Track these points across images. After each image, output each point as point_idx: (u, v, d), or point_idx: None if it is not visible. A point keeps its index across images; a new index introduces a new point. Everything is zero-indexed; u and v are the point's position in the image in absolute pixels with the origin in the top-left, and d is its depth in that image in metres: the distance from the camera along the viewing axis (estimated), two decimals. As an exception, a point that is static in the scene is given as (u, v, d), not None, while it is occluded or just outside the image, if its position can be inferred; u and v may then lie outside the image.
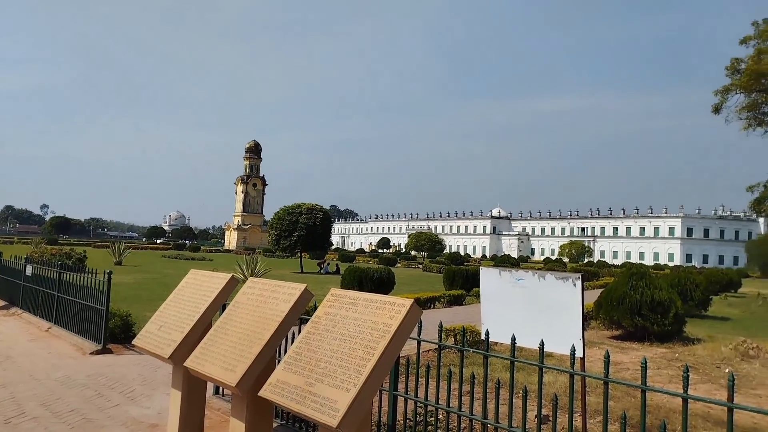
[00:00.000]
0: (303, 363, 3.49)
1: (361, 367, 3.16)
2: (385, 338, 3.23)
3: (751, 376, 9.35)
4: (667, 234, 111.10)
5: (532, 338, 3.86)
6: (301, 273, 37.52)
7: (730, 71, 25.34)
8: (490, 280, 5.11)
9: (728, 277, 35.24)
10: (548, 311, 4.55)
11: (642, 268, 15.16)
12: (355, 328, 3.45)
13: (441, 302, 19.83)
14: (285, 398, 3.36)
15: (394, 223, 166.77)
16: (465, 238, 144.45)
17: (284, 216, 41.21)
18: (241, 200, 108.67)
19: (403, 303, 3.40)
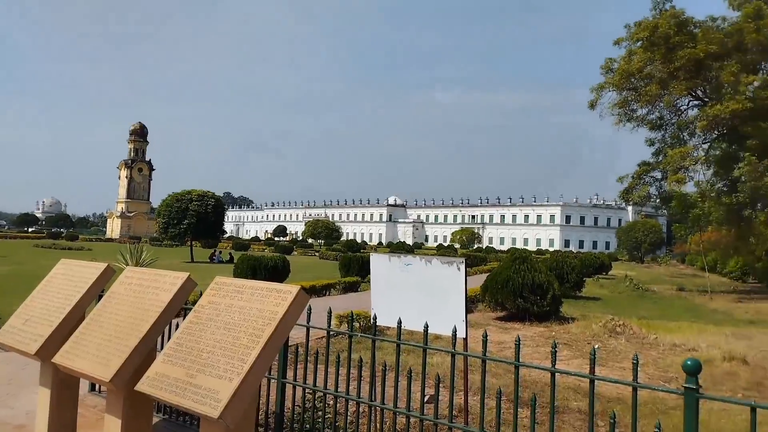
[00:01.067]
0: (184, 354, 3.36)
1: (246, 355, 3.09)
2: (270, 326, 3.18)
3: (617, 351, 10.26)
4: (548, 221, 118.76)
5: (420, 321, 3.97)
6: (192, 262, 36.10)
7: (605, 70, 27.40)
8: (380, 266, 5.19)
9: (600, 260, 38.40)
10: (435, 295, 4.70)
11: (524, 253, 16.13)
12: (239, 316, 3.37)
13: (336, 289, 19.92)
14: (164, 391, 3.21)
15: (290, 210, 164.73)
16: (362, 225, 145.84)
17: (173, 203, 39.36)
18: (125, 186, 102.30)
19: (290, 290, 3.37)
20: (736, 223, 26.59)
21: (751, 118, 22.36)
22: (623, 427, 5.38)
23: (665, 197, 29.10)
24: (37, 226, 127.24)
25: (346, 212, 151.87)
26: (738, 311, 19.26)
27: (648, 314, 16.66)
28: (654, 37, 23.97)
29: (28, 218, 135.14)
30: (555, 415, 5.98)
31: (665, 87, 24.86)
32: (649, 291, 27.00)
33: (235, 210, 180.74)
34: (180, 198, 39.57)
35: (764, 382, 8.21)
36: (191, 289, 4.07)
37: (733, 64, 22.90)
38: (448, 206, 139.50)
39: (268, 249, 61.65)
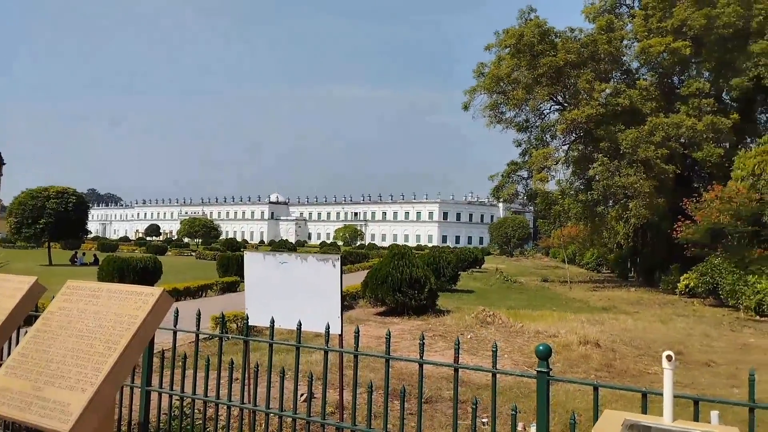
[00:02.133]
0: (30, 365, 3.05)
1: (101, 364, 2.87)
2: (129, 331, 2.98)
3: (487, 340, 10.85)
4: (427, 218, 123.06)
5: (296, 319, 3.92)
6: (50, 265, 33.10)
7: (477, 74, 28.88)
8: (254, 265, 5.07)
9: (474, 255, 40.47)
10: (311, 292, 4.67)
11: (404, 249, 16.56)
12: (94, 322, 3.12)
13: (214, 290, 19.25)
14: (6, 407, 2.90)
15: (165, 208, 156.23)
16: (242, 223, 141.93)
17: (27, 201, 35.76)
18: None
19: (152, 292, 3.17)
20: (592, 219, 29.19)
21: (604, 122, 24.65)
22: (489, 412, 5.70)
23: (531, 195, 31.23)
24: None
25: (226, 210, 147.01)
26: (593, 299, 21.17)
27: (515, 304, 17.81)
28: (520, 44, 25.60)
29: None
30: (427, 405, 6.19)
31: (530, 92, 26.64)
32: (517, 283, 28.89)
33: (102, 208, 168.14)
34: (36, 195, 36.04)
35: (613, 363, 9.09)
36: (39, 295, 3.71)
37: (588, 73, 25.09)
38: (331, 203, 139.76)
39: (138, 249, 58.12)
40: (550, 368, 2.66)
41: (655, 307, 18.74)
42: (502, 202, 49.72)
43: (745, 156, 20.70)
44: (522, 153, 31.02)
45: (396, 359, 3.30)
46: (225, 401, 3.68)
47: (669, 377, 2.29)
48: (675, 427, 2.25)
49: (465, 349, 9.80)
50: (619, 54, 27.59)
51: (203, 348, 8.90)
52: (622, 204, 26.46)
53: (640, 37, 26.54)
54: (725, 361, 9.68)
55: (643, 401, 2.56)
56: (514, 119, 30.30)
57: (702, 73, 27.33)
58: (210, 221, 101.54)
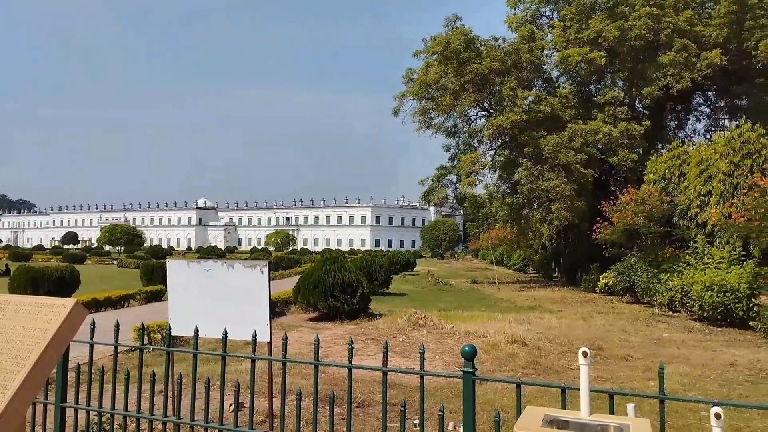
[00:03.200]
0: (-74, 387, 2.81)
1: (8, 381, 2.68)
2: (39, 345, 2.80)
3: (419, 342, 10.96)
4: (360, 222, 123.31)
5: (222, 328, 3.82)
6: (-45, 277, 30.65)
7: (406, 80, 29.25)
8: (178, 273, 4.92)
9: (406, 258, 40.96)
10: (238, 300, 4.58)
11: (336, 254, 16.52)
12: (1, 337, 2.91)
13: (137, 300, 18.47)
14: None
15: (83, 215, 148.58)
16: (168, 230, 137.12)
17: (-72, 208, 33.04)
18: None
19: (63, 303, 3.00)
20: (518, 221, 30.17)
21: (527, 128, 25.55)
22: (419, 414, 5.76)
23: (460, 198, 31.91)
24: None
25: (150, 216, 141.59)
26: (520, 299, 21.86)
27: (446, 306, 18.12)
28: (447, 51, 26.13)
29: None
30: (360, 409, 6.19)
31: (457, 98, 27.23)
32: (448, 285, 29.42)
33: (13, 215, 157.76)
34: (-63, 202, 33.36)
35: (539, 360, 9.40)
36: (-63, 310, 3.42)
37: (512, 80, 25.95)
38: (262, 208, 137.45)
39: (54, 258, 54.96)
40: (475, 368, 2.72)
41: (577, 305, 19.56)
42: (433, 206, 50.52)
43: (656, 161, 22.03)
44: (451, 158, 31.68)
45: (325, 365, 3.28)
46: (147, 415, 3.53)
47: (585, 372, 2.39)
48: (591, 420, 2.36)
49: (397, 351, 9.87)
50: (540, 63, 28.71)
51: (126, 361, 8.51)
52: (545, 207, 27.48)
53: (559, 47, 27.72)
54: (642, 354, 10.23)
55: (563, 397, 2.66)
56: (442, 125, 30.90)
57: (617, 82, 28.86)
58: (133, 228, 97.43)
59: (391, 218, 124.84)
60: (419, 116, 29.68)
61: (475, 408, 2.75)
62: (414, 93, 28.39)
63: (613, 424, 2.33)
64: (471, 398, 2.70)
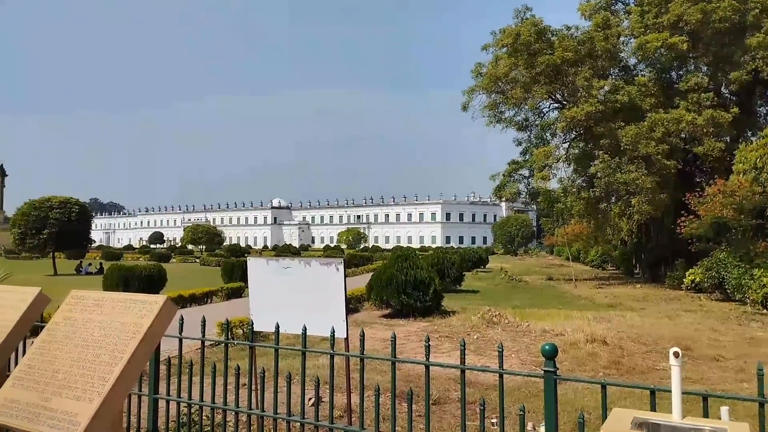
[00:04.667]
0: (37, 376, 3.05)
1: (107, 373, 2.87)
2: (135, 339, 2.98)
3: (494, 340, 10.82)
4: (430, 219, 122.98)
5: (301, 324, 3.92)
6: (55, 275, 33.16)
7: (475, 74, 28.87)
8: (258, 270, 5.07)
9: (478, 255, 40.46)
10: (315, 296, 4.67)
11: (407, 251, 16.56)
12: (99, 332, 3.12)
13: (219, 296, 19.26)
14: (15, 418, 2.90)
15: (168, 216, 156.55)
16: (245, 229, 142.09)
17: (30, 211, 35.85)
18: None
19: (156, 300, 3.17)
20: (595, 216, 29.13)
21: (603, 119, 24.62)
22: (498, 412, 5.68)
23: (533, 193, 31.20)
24: None
25: (229, 216, 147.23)
26: (599, 296, 21.11)
27: (521, 303, 17.77)
28: (517, 43, 25.58)
29: None
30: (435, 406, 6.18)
31: (528, 90, 26.61)
32: (522, 282, 28.85)
33: (105, 217, 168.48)
34: (38, 206, 36.13)
35: (621, 360, 9.04)
36: (44, 305, 3.71)
37: (586, 70, 25.05)
38: (334, 207, 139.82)
39: (142, 257, 58.21)
40: (557, 367, 2.65)
41: (661, 303, 18.68)
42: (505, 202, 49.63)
43: (746, 149, 20.64)
44: (522, 152, 31.00)
45: (402, 361, 3.29)
46: (233, 407, 3.68)
47: (677, 374, 2.28)
48: (684, 424, 2.24)
49: (471, 349, 9.77)
50: (616, 51, 27.53)
51: (209, 354, 8.89)
52: (624, 200, 26.38)
53: (636, 33, 26.49)
54: (734, 355, 9.63)
55: (652, 399, 2.55)
56: (513, 118, 30.29)
57: (700, 67, 27.28)
58: (213, 227, 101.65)
59: (461, 214, 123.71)
60: (489, 111, 29.24)
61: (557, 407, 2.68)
62: (483, 87, 27.99)
63: (708, 428, 2.21)
64: (553, 398, 2.63)
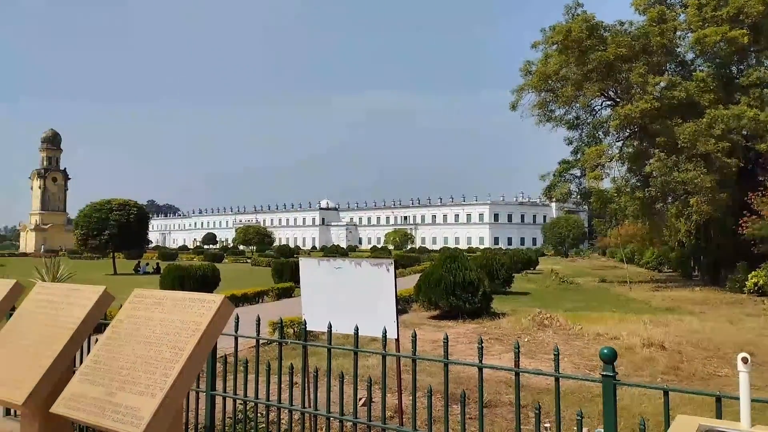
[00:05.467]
0: (102, 372, 3.19)
1: (168, 370, 2.97)
2: (194, 337, 3.07)
3: (545, 343, 10.63)
4: (478, 220, 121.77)
5: (353, 324, 3.95)
6: (115, 275, 34.51)
7: (524, 72, 28.43)
8: (310, 271, 5.14)
9: (528, 256, 39.84)
10: (366, 297, 4.70)
11: (455, 252, 16.47)
12: (161, 329, 3.23)
13: (270, 296, 19.61)
14: (82, 412, 3.04)
15: (220, 217, 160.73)
16: (294, 230, 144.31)
17: (91, 213, 37.47)
18: (38, 197, 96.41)
19: (214, 299, 3.26)
20: (650, 216, 28.20)
21: (659, 116, 23.81)
22: (552, 417, 5.58)
23: (585, 193, 30.47)
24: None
25: (278, 217, 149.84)
26: (655, 300, 20.42)
27: (573, 306, 17.39)
28: (567, 40, 25.04)
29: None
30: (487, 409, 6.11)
31: (580, 88, 26.02)
32: (574, 284, 28.20)
33: (161, 219, 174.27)
34: (99, 208, 37.72)
35: (681, 365, 8.73)
36: (108, 304, 3.87)
37: (641, 66, 24.29)
38: (381, 208, 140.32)
39: (197, 258, 59.87)
40: (616, 372, 2.58)
41: (722, 307, 17.92)
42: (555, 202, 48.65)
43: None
44: (573, 151, 30.33)
45: (454, 363, 3.27)
46: (287, 405, 3.74)
47: (745, 380, 2.18)
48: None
49: (522, 352, 9.57)
50: (672, 46, 26.60)
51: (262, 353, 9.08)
52: (682, 200, 25.47)
53: (694, 27, 25.51)
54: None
55: (717, 406, 2.45)
56: (564, 117, 29.69)
57: (762, 61, 26.05)
58: (263, 229, 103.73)
59: (510, 215, 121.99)
60: (538, 109, 28.76)
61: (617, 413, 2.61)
62: (533, 86, 27.54)
63: (779, 438, 2.10)
64: (612, 403, 2.56)
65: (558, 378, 2.80)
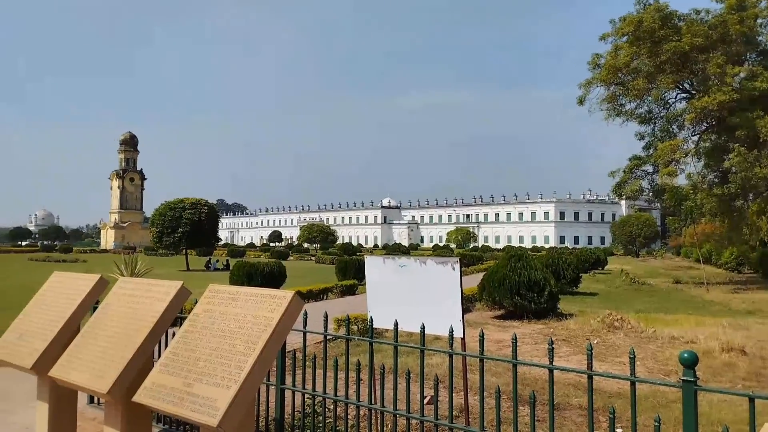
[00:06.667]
0: (180, 363, 3.34)
1: (242, 363, 3.08)
2: (266, 332, 3.17)
3: (616, 346, 10.27)
4: (543, 218, 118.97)
5: (418, 322, 3.96)
6: (188, 271, 35.97)
7: (592, 66, 27.44)
8: (375, 269, 5.17)
9: (596, 255, 38.51)
10: (431, 295, 4.69)
11: (520, 251, 16.16)
12: (235, 323, 3.35)
13: (334, 293, 19.89)
14: (162, 401, 3.19)
15: (285, 215, 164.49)
16: (357, 228, 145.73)
17: (166, 212, 39.19)
18: (117, 196, 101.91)
19: (285, 295, 3.35)
20: (729, 214, 26.70)
21: (739, 109, 22.48)
22: (624, 422, 5.39)
23: (658, 190, 29.15)
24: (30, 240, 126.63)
25: (341, 215, 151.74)
26: (735, 302, 19.32)
27: (645, 308, 16.71)
28: (639, 31, 24.03)
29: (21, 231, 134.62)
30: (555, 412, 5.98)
31: (652, 81, 24.93)
32: (646, 284, 27.07)
33: (229, 217, 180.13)
34: (173, 206, 39.40)
35: (763, 371, 8.23)
36: (185, 298, 4.05)
37: (719, 56, 23.00)
38: (443, 206, 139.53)
39: (263, 255, 61.54)
40: (697, 377, 2.46)
41: (810, 310, 16.75)
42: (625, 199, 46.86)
43: None
44: (645, 146, 29.05)
45: (524, 364, 3.22)
46: (354, 401, 3.79)
47: None
48: None
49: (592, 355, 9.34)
50: (753, 34, 25.01)
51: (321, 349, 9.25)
52: (764, 197, 23.96)
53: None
54: None
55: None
56: (635, 111, 28.46)
57: None
58: (327, 227, 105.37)
59: (576, 213, 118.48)
60: (607, 104, 27.70)
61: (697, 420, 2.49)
62: (601, 79, 26.58)
63: None
64: (693, 410, 2.45)
65: (634, 382, 2.70)
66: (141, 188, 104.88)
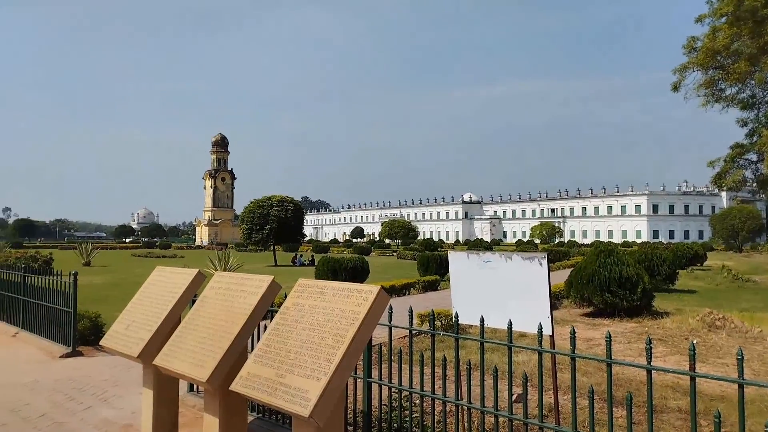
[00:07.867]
0: (273, 355, 3.47)
1: (331, 355, 3.15)
2: (353, 326, 3.23)
3: (718, 346, 9.64)
4: (634, 211, 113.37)
5: (502, 319, 3.89)
6: (275, 266, 37.29)
7: (687, 50, 25.74)
8: (459, 264, 5.13)
9: (694, 251, 36.22)
10: (517, 291, 4.59)
11: (610, 246, 15.48)
12: (323, 317, 3.44)
13: (416, 288, 19.95)
14: (256, 391, 3.33)
15: (367, 212, 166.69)
16: (438, 224, 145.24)
17: (255, 209, 40.80)
18: (210, 195, 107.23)
19: (371, 290, 3.40)
20: None
21: None
22: (729, 426, 5.05)
23: (763, 180, 27.01)
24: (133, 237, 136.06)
25: (422, 211, 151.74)
26: None
27: (750, 306, 15.56)
28: (739, 11, 22.28)
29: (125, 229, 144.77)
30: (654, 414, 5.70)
31: (755, 63, 23.07)
32: (750, 281, 25.19)
33: (314, 214, 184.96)
34: (261, 204, 40.94)
35: None
36: (276, 292, 4.20)
37: (834, 34, 20.96)
38: (526, 200, 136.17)
39: (346, 251, 62.68)
40: (817, 382, 2.26)
41: None
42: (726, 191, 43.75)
43: None
44: (749, 133, 26.94)
45: (619, 363, 3.08)
46: (441, 396, 3.78)
47: None
48: None
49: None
50: None
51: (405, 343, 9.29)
52: None
53: None
54: None
55: None
56: (736, 96, 26.46)
57: None
58: (408, 222, 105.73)
59: (671, 206, 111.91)
60: (705, 89, 25.93)
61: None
62: (698, 63, 24.90)
63: None
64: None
65: (742, 384, 2.53)
66: (232, 187, 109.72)
